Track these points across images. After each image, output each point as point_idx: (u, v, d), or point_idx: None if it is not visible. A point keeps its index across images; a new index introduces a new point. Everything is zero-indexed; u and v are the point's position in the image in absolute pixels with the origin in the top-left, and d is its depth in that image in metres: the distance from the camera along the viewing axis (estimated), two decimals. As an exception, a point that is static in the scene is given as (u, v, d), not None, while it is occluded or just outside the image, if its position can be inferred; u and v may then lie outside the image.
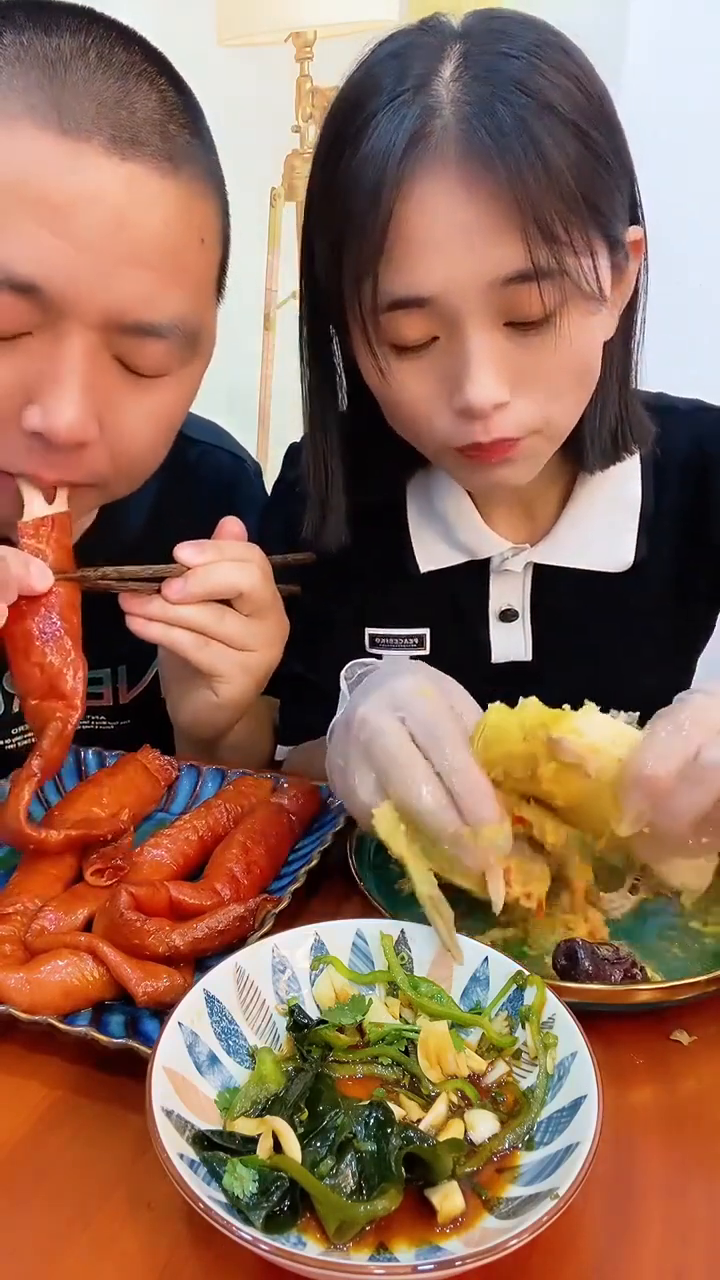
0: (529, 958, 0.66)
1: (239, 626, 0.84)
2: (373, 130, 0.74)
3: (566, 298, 0.76)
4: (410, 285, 0.75)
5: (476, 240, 0.73)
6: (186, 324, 0.76)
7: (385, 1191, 0.47)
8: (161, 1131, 0.48)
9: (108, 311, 0.71)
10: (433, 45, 0.76)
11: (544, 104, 0.72)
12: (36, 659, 0.77)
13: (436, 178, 0.73)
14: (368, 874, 0.73)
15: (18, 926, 0.67)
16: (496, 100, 0.72)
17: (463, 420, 0.79)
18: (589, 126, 0.74)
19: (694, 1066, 0.60)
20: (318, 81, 2.41)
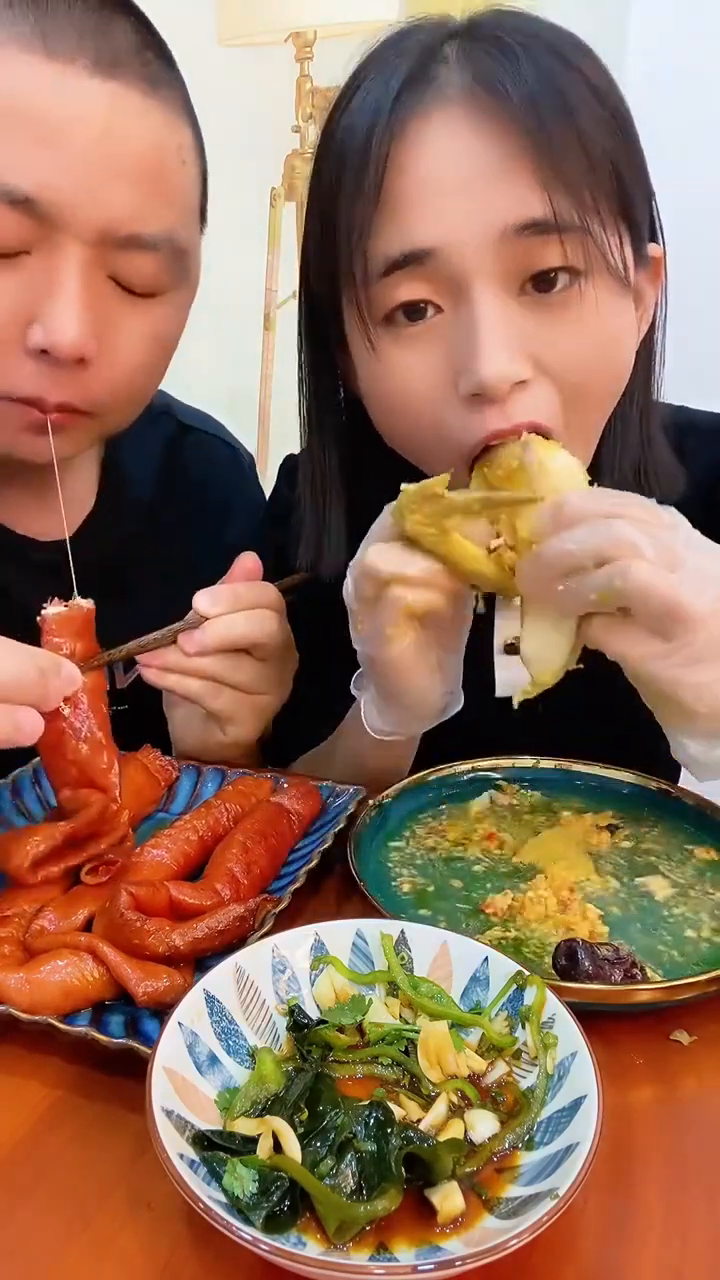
0: (529, 958, 0.66)
1: (253, 674, 0.84)
2: (367, 82, 0.69)
3: (591, 265, 0.68)
4: (407, 237, 0.68)
5: (487, 184, 0.66)
6: (175, 240, 0.79)
7: (385, 1191, 0.47)
8: (161, 1131, 0.48)
9: (100, 225, 0.74)
10: (437, 26, 0.72)
11: (565, 61, 0.66)
12: (71, 755, 0.76)
13: (438, 116, 0.67)
14: (368, 874, 0.73)
15: (17, 927, 0.67)
16: (512, 43, 0.66)
17: (474, 409, 0.71)
18: (611, 96, 0.69)
19: (694, 1066, 0.60)
20: (318, 81, 2.41)
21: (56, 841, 0.72)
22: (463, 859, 0.78)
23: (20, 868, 0.70)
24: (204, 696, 0.84)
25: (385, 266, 0.70)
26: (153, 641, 0.82)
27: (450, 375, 0.72)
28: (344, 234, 0.71)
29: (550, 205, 0.65)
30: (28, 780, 0.88)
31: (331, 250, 0.74)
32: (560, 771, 0.88)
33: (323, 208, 0.74)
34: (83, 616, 0.78)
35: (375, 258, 0.70)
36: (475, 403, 0.71)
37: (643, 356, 0.82)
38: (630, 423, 0.84)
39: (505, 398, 0.70)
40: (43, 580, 0.93)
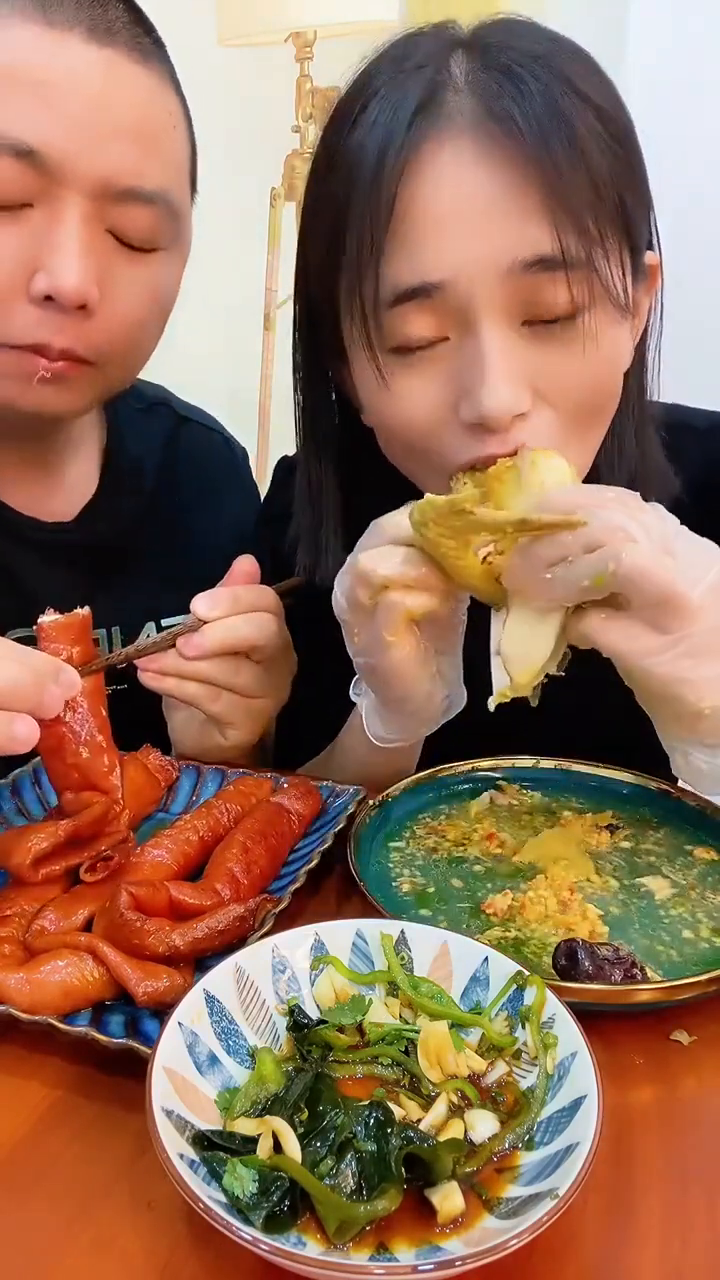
0: (529, 958, 0.66)
1: (252, 677, 0.85)
2: (375, 102, 0.68)
3: (594, 299, 0.69)
4: (417, 270, 0.69)
5: (495, 218, 0.66)
6: (170, 198, 0.83)
7: (385, 1191, 0.47)
8: (161, 1131, 0.48)
9: (99, 177, 0.78)
10: (443, 36, 0.71)
11: (570, 85, 0.66)
12: (71, 759, 0.77)
13: (448, 147, 0.66)
14: (368, 874, 0.73)
15: (17, 927, 0.67)
16: (519, 70, 0.66)
17: (474, 436, 0.73)
18: (617, 119, 0.69)
19: (694, 1066, 0.60)
20: (318, 81, 2.41)
21: (59, 839, 0.72)
22: (463, 859, 0.78)
23: (22, 865, 0.70)
24: (202, 700, 0.84)
25: (394, 297, 0.70)
26: (151, 645, 0.82)
27: (452, 400, 0.73)
28: (351, 259, 0.71)
29: (559, 242, 0.66)
30: (27, 780, 0.88)
31: (336, 269, 0.74)
32: (560, 771, 0.88)
33: (329, 225, 0.73)
34: (79, 622, 0.78)
35: (384, 288, 0.70)
36: (476, 430, 0.72)
37: (637, 362, 0.82)
38: (625, 431, 0.83)
39: (506, 429, 0.71)
40: (45, 559, 0.97)
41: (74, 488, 1.01)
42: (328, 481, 0.88)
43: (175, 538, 1.07)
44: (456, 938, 0.62)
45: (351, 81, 0.74)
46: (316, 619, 0.89)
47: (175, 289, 0.90)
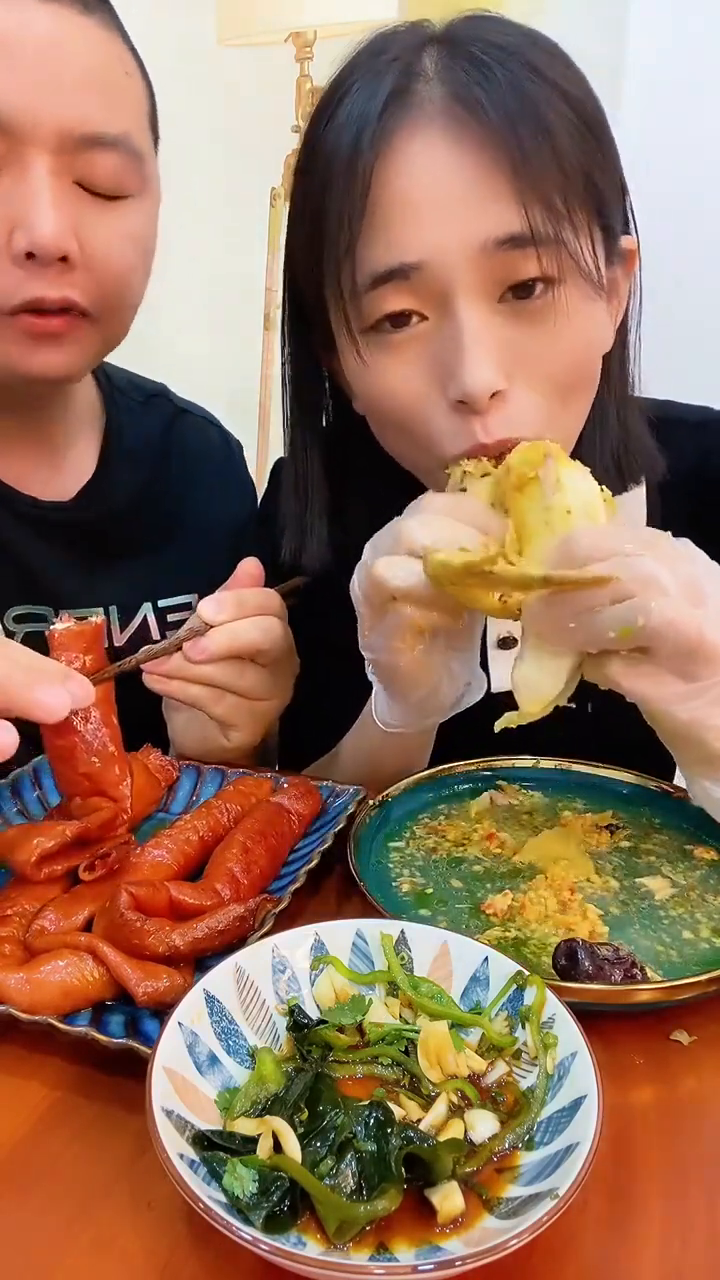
0: (529, 958, 0.66)
1: (256, 680, 0.85)
2: (350, 96, 0.71)
3: (565, 274, 0.71)
4: (393, 252, 0.71)
5: (466, 200, 0.69)
6: (132, 142, 0.83)
7: (385, 1191, 0.47)
8: (161, 1131, 0.48)
9: (60, 129, 0.79)
10: (415, 31, 0.74)
11: (539, 74, 0.69)
12: (83, 768, 0.77)
13: (420, 132, 0.69)
14: (368, 874, 0.73)
15: (17, 927, 0.67)
16: (487, 59, 0.69)
17: (460, 416, 0.74)
18: (587, 110, 0.71)
19: (694, 1066, 0.60)
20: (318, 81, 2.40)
21: (66, 841, 0.72)
22: (463, 859, 0.78)
23: (26, 863, 0.70)
24: (207, 703, 0.84)
25: (372, 280, 0.72)
26: (161, 650, 0.82)
27: (436, 380, 0.74)
28: (331, 245, 0.73)
29: (527, 221, 0.68)
30: (27, 780, 0.88)
31: (318, 258, 0.75)
32: (560, 771, 0.89)
33: (310, 215, 0.76)
34: (92, 631, 0.78)
35: (362, 271, 0.72)
36: (461, 409, 0.73)
37: (618, 345, 0.84)
38: (608, 411, 0.85)
39: (487, 408, 0.72)
40: (43, 537, 0.99)
41: (73, 470, 1.03)
42: (315, 467, 0.90)
43: (171, 522, 1.09)
44: (456, 938, 0.62)
45: (331, 79, 0.76)
46: (314, 614, 0.90)
47: (153, 236, 0.91)
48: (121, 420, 1.08)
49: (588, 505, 0.67)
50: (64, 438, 1.03)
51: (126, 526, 1.06)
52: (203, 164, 2.52)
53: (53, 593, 1.01)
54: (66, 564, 1.02)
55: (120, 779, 0.78)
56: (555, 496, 0.67)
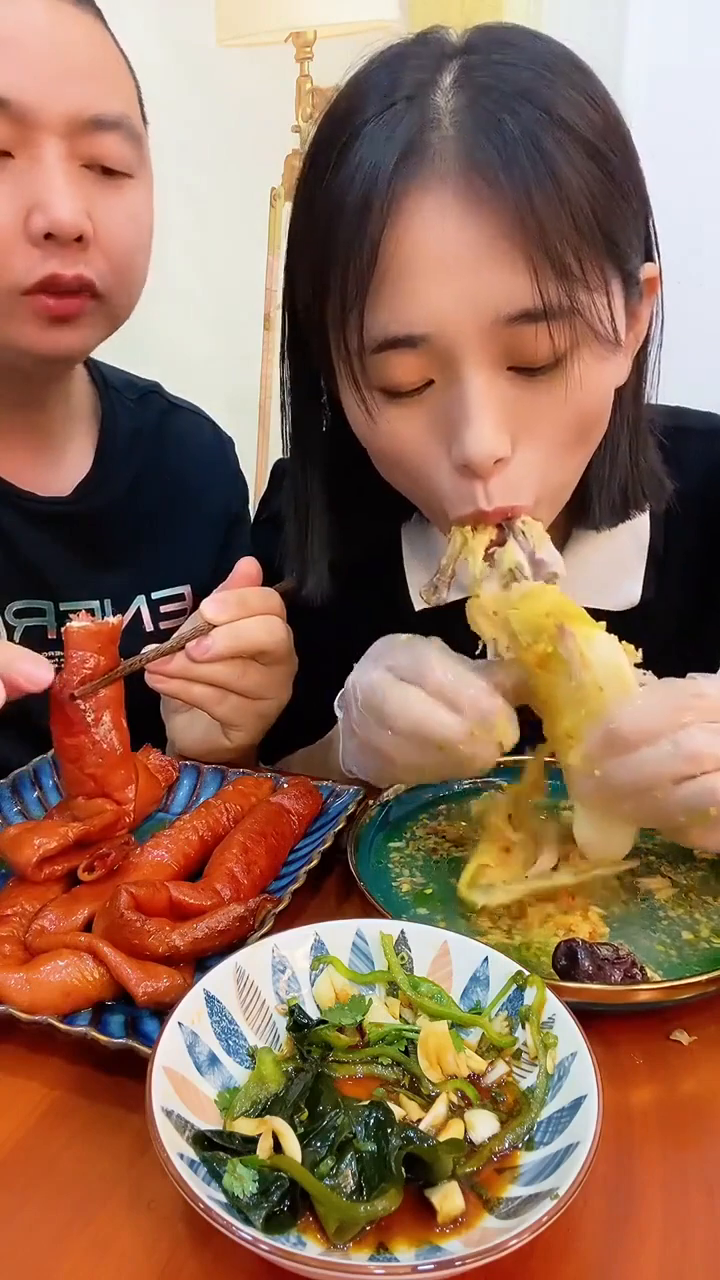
0: (529, 958, 0.66)
1: (258, 679, 0.85)
2: (361, 141, 0.67)
3: (578, 340, 0.68)
4: (401, 322, 0.68)
5: (477, 271, 0.66)
6: (131, 122, 0.88)
7: (385, 1191, 0.47)
8: (161, 1131, 0.48)
9: (67, 114, 0.83)
10: (430, 54, 0.70)
11: (555, 118, 0.65)
12: (90, 769, 0.77)
13: (432, 195, 0.66)
14: (368, 874, 0.73)
15: (17, 927, 0.67)
16: (503, 111, 0.64)
17: (462, 479, 0.73)
18: (606, 148, 0.67)
19: (694, 1066, 0.60)
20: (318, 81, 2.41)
21: (68, 842, 0.72)
22: (463, 859, 0.78)
23: (28, 863, 0.70)
24: (209, 703, 0.84)
25: (378, 344, 0.70)
26: (166, 650, 0.81)
27: (441, 440, 0.73)
28: (336, 303, 0.71)
29: (540, 295, 0.66)
30: (27, 780, 0.88)
31: (323, 305, 0.73)
32: (560, 771, 0.88)
33: (315, 263, 0.73)
34: (109, 631, 0.78)
35: (368, 334, 0.70)
36: (464, 471, 0.72)
37: (634, 371, 0.81)
38: (619, 443, 0.83)
39: (490, 473, 0.71)
40: (41, 531, 1.01)
41: (70, 465, 1.05)
42: (315, 497, 0.88)
43: (164, 516, 1.11)
44: (456, 938, 0.62)
45: (337, 104, 0.73)
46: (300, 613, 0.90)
47: (152, 217, 0.93)
48: (116, 417, 1.09)
49: (617, 674, 0.65)
50: (61, 434, 1.04)
51: (121, 520, 1.07)
52: (203, 164, 2.52)
53: (51, 587, 1.02)
54: (64, 558, 1.03)
55: (126, 782, 0.79)
56: (584, 674, 0.65)
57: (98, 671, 0.76)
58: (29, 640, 1.01)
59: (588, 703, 0.65)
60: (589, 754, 0.64)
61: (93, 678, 0.76)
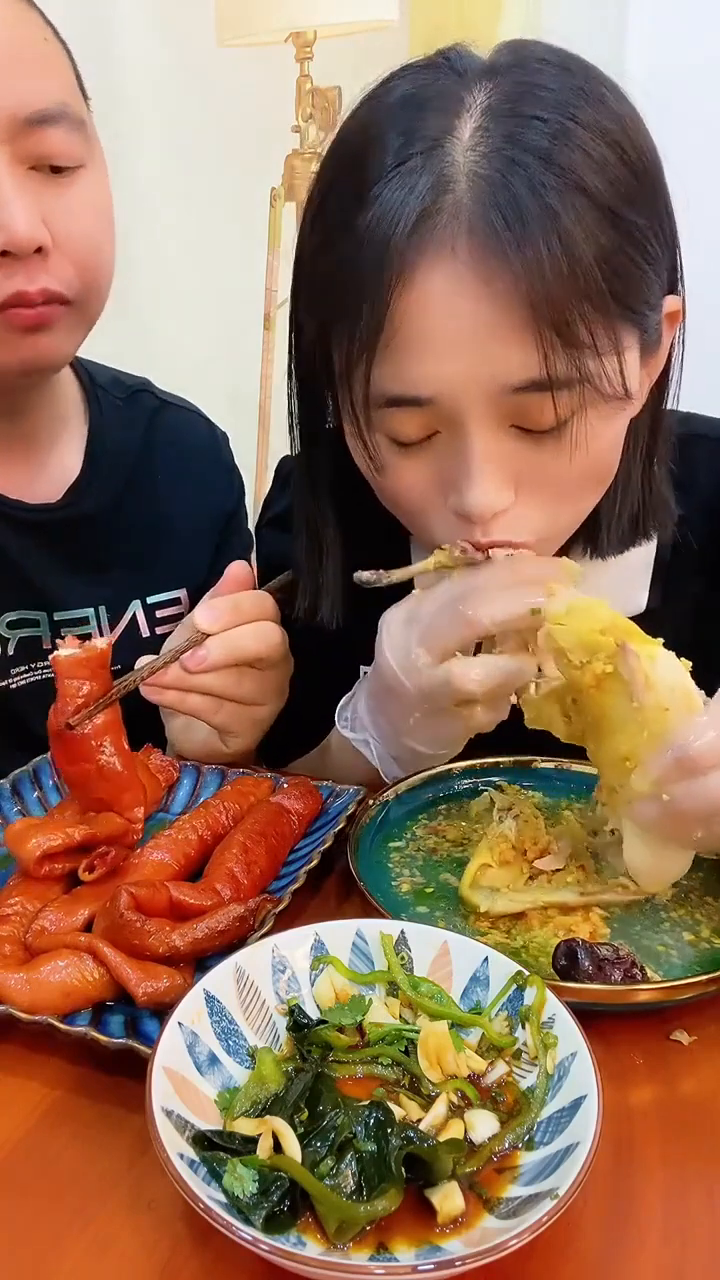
0: (529, 958, 0.66)
1: (255, 686, 0.84)
2: (375, 201, 0.66)
3: (584, 404, 0.68)
4: (407, 385, 0.69)
5: (485, 342, 0.66)
6: (70, 109, 0.83)
7: (385, 1191, 0.47)
8: (161, 1131, 0.48)
9: (5, 116, 0.79)
10: (451, 94, 0.67)
11: (574, 184, 0.63)
12: (97, 793, 0.77)
13: (443, 267, 0.65)
14: (367, 874, 0.73)
15: (18, 927, 0.68)
16: (518, 178, 0.63)
17: (461, 522, 0.73)
18: (627, 208, 0.66)
19: (694, 1066, 0.60)
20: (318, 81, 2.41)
21: (72, 842, 0.72)
22: (463, 859, 0.78)
23: (30, 856, 0.71)
24: (205, 712, 0.83)
25: (383, 401, 0.71)
26: (162, 663, 0.80)
27: (441, 487, 0.73)
28: (342, 353, 0.71)
29: (544, 367, 0.65)
30: (27, 780, 0.88)
31: (327, 353, 0.73)
32: (560, 771, 0.88)
33: (323, 308, 0.72)
34: (97, 657, 0.77)
35: (374, 389, 0.70)
36: (462, 519, 0.73)
37: (653, 402, 0.80)
38: (631, 474, 0.82)
39: (488, 521, 0.72)
40: (31, 539, 1.00)
41: (59, 471, 1.03)
42: (326, 524, 0.87)
43: (157, 518, 1.09)
44: (456, 938, 0.62)
45: (353, 136, 0.70)
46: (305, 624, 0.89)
47: (110, 203, 0.91)
48: (105, 418, 1.07)
49: (683, 694, 0.63)
50: (48, 439, 1.03)
51: (113, 525, 1.05)
52: (203, 164, 2.52)
53: (44, 596, 1.01)
54: (56, 566, 1.01)
55: (135, 802, 0.79)
56: (646, 695, 0.62)
57: (91, 698, 0.76)
58: (23, 652, 1.00)
59: (650, 724, 0.62)
60: (658, 778, 0.62)
61: (87, 705, 0.75)
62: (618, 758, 0.65)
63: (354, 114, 0.71)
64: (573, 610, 0.67)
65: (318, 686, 0.91)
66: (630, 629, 0.66)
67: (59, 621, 1.02)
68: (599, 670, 0.65)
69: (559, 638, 0.67)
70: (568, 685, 0.69)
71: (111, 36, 2.35)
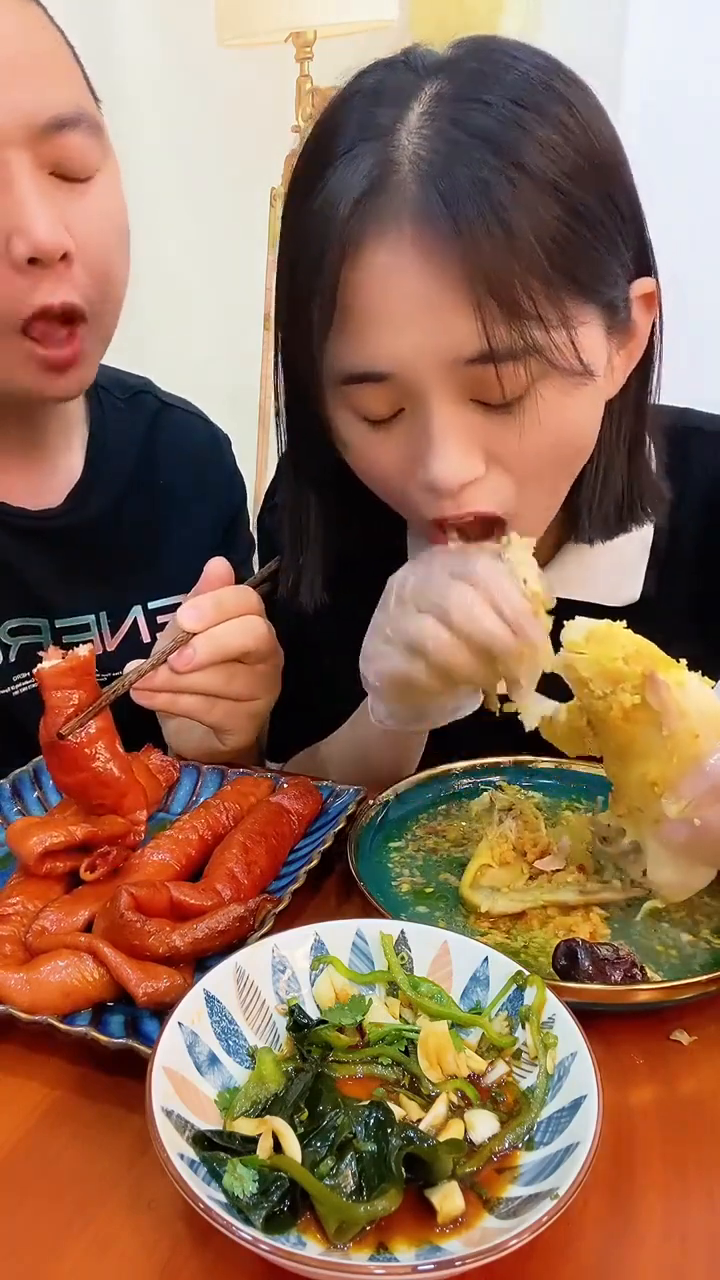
0: (529, 958, 0.66)
1: (246, 681, 0.84)
2: (326, 180, 0.69)
3: (535, 378, 0.69)
4: (364, 360, 0.70)
5: (431, 316, 0.67)
6: (87, 113, 0.83)
7: (385, 1192, 0.47)
8: (161, 1131, 0.48)
9: (25, 121, 0.78)
10: (405, 85, 0.69)
11: (515, 163, 0.65)
12: (96, 799, 0.77)
13: (388, 242, 0.67)
14: (368, 874, 0.73)
15: (18, 927, 0.68)
16: (458, 159, 0.65)
17: (431, 496, 0.74)
18: (575, 186, 0.67)
19: (694, 1066, 0.60)
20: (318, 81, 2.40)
21: (74, 841, 0.73)
22: (463, 859, 0.78)
23: (31, 854, 0.71)
24: (199, 712, 0.83)
25: (344, 377, 0.72)
26: (150, 666, 0.80)
27: (411, 460, 0.74)
28: (304, 331, 0.72)
29: (486, 340, 0.67)
30: (27, 780, 0.88)
31: (295, 332, 0.75)
32: (560, 771, 0.88)
33: (286, 287, 0.75)
34: (81, 665, 0.76)
35: (336, 366, 0.72)
36: (432, 492, 0.73)
37: (636, 385, 0.81)
38: (612, 462, 0.82)
39: (456, 493, 0.72)
40: (32, 546, 0.99)
41: (61, 475, 1.03)
42: (310, 504, 0.87)
43: (158, 521, 1.08)
44: (456, 938, 0.62)
45: (317, 129, 0.73)
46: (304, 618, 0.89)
47: (125, 209, 0.90)
48: (106, 420, 1.07)
49: (713, 716, 0.62)
50: (50, 444, 1.02)
51: (114, 529, 1.05)
52: (203, 164, 2.52)
53: (44, 602, 1.01)
54: (57, 572, 1.01)
55: (136, 805, 0.79)
56: (679, 724, 0.62)
57: (81, 707, 0.75)
58: (25, 659, 1.00)
59: (680, 750, 0.62)
60: (690, 803, 0.62)
61: (77, 714, 0.75)
62: (644, 783, 0.65)
63: (323, 112, 0.74)
64: (592, 637, 0.66)
65: (310, 677, 0.91)
66: (654, 655, 0.65)
67: (60, 628, 1.02)
68: (626, 703, 0.64)
69: (580, 668, 0.66)
70: (585, 709, 0.69)
71: (111, 36, 2.35)
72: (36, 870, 0.71)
